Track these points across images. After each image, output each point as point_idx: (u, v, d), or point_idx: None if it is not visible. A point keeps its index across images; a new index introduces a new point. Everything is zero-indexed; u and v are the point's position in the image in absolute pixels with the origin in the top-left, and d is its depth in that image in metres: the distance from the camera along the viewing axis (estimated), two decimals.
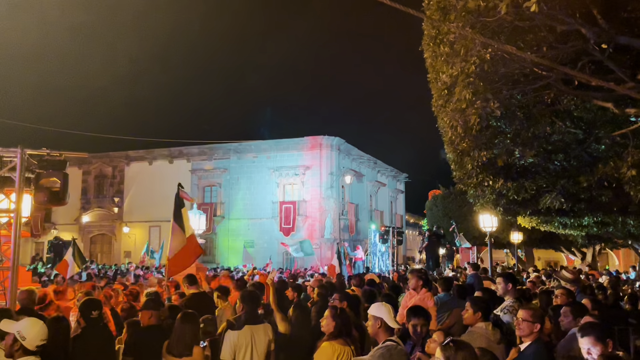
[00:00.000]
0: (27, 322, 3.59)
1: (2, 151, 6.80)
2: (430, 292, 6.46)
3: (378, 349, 3.16)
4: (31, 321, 3.62)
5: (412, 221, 53.75)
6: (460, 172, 11.22)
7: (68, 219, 37.51)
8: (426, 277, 6.46)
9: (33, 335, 3.48)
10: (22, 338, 3.42)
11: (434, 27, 8.96)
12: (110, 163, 39.12)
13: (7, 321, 3.56)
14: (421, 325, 4.48)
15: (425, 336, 4.48)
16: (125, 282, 12.22)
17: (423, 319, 4.53)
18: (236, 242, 34.30)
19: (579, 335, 3.68)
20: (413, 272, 6.56)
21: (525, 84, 8.39)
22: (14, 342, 3.43)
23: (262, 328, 5.00)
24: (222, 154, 36.16)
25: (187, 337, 4.65)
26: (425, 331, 4.51)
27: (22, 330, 3.45)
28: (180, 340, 4.63)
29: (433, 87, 10.19)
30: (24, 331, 3.45)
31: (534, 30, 7.31)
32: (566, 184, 10.95)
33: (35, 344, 3.49)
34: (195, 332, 4.79)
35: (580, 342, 3.66)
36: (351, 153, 36.60)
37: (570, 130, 10.03)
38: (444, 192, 35.89)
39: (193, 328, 4.74)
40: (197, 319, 4.90)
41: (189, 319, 4.75)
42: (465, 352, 2.96)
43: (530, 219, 14.18)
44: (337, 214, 33.71)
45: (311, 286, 9.15)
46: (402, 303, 6.47)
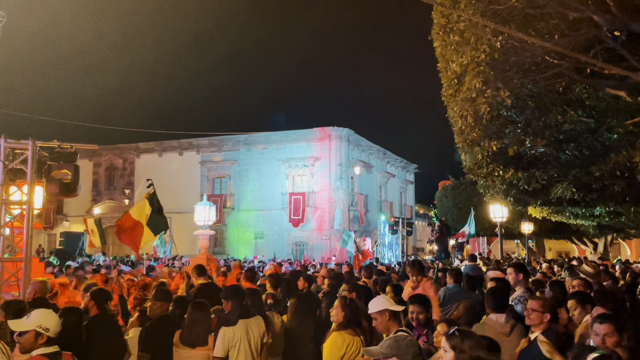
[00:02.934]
0: (42, 314, 3.55)
1: (14, 143, 6.84)
2: (430, 281, 6.61)
3: (387, 339, 3.15)
4: (44, 312, 3.60)
5: (421, 212, 53.62)
6: (470, 162, 11.16)
7: (80, 210, 37.89)
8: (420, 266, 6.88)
9: (54, 324, 3.53)
10: (45, 330, 3.44)
11: (444, 15, 8.87)
12: (121, 155, 39.37)
13: (17, 321, 3.52)
14: (417, 313, 4.47)
15: (424, 324, 4.48)
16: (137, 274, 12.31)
17: (421, 307, 4.52)
18: (246, 233, 34.47)
19: (598, 321, 3.66)
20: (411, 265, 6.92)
21: (537, 72, 8.30)
22: (37, 337, 3.43)
23: (254, 321, 4.93)
24: (232, 145, 36.23)
25: (200, 327, 4.65)
26: (424, 318, 4.49)
27: (42, 323, 3.46)
28: (193, 329, 4.62)
29: (443, 77, 10.10)
30: (44, 323, 3.46)
31: (545, 18, 7.21)
32: (578, 174, 10.85)
33: (57, 331, 3.55)
34: (208, 321, 4.78)
35: (595, 328, 3.63)
36: (360, 144, 36.50)
37: (582, 119, 9.93)
38: (454, 182, 35.72)
39: (205, 317, 4.73)
40: (209, 308, 4.89)
41: (201, 308, 4.74)
42: (471, 341, 2.94)
43: (541, 209, 14.07)
44: (347, 205, 33.70)
45: (322, 276, 9.18)
46: (405, 287, 6.67)
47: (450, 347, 2.94)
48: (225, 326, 4.71)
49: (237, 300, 4.88)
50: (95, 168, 39.58)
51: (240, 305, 4.87)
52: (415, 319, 4.47)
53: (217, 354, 4.62)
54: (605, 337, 3.54)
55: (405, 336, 3.28)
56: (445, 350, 2.98)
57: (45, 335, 3.44)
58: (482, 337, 3.33)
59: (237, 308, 4.83)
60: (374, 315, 4.10)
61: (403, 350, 3.01)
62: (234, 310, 4.82)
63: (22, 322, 3.47)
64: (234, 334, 4.70)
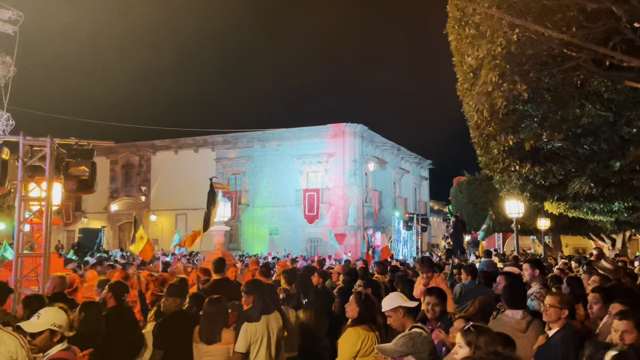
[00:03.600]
0: (53, 313, 3.50)
1: (33, 141, 6.94)
2: (441, 276, 6.58)
3: (401, 336, 3.13)
4: (54, 310, 3.55)
5: (436, 208, 53.31)
6: (486, 157, 11.04)
7: (97, 207, 38.39)
8: (430, 263, 6.85)
9: (65, 321, 3.50)
10: (59, 327, 3.43)
11: (459, 8, 8.79)
12: (137, 152, 39.76)
13: (29, 322, 3.47)
14: (433, 304, 4.44)
15: (439, 316, 4.46)
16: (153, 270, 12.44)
17: (438, 299, 4.49)
18: (261, 229, 34.61)
19: (617, 318, 3.60)
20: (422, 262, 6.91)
21: (554, 65, 8.18)
22: (53, 335, 3.41)
23: (274, 317, 4.97)
24: (246, 142, 36.37)
25: (215, 323, 4.67)
26: (439, 310, 4.46)
27: (55, 321, 3.43)
28: (209, 325, 4.64)
29: (458, 71, 10.01)
30: (57, 321, 3.44)
31: (563, 10, 7.09)
32: (596, 168, 10.68)
33: (68, 328, 3.53)
34: (224, 316, 4.79)
35: (614, 325, 3.58)
36: (374, 140, 36.38)
37: (600, 113, 9.76)
38: (468, 178, 35.42)
39: (221, 312, 4.75)
40: (225, 303, 4.91)
41: (217, 303, 4.76)
42: (487, 337, 2.92)
43: (558, 204, 13.88)
44: (361, 201, 33.65)
45: (337, 272, 9.19)
46: (415, 284, 6.63)
47: (466, 343, 2.92)
48: (247, 322, 4.72)
49: (259, 295, 4.91)
50: (112, 165, 40.03)
51: (262, 300, 4.90)
52: (431, 311, 4.45)
53: (239, 349, 4.64)
54: (624, 333, 3.48)
55: (420, 333, 3.25)
56: (460, 346, 2.96)
57: (59, 332, 3.43)
58: (498, 334, 3.30)
59: (259, 303, 4.85)
60: (388, 313, 4.08)
61: (419, 348, 2.99)
62: (256, 306, 4.84)
63: (35, 323, 3.43)
64: (256, 329, 4.72)
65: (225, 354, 4.67)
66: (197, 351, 4.67)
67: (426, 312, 4.51)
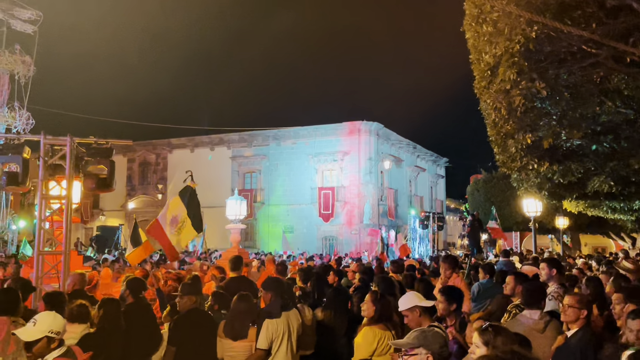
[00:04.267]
0: (49, 319, 3.43)
1: (53, 140, 7.05)
2: (460, 276, 6.56)
3: (414, 331, 3.16)
4: (51, 316, 3.47)
5: (452, 206, 52.94)
6: (504, 156, 10.94)
7: (115, 205, 38.87)
8: (454, 261, 6.82)
9: (62, 325, 3.44)
10: (56, 334, 3.36)
11: (476, 6, 8.71)
12: (154, 150, 40.15)
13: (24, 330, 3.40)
14: (440, 302, 4.43)
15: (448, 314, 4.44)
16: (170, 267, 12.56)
17: (443, 296, 4.48)
18: (276, 227, 34.72)
19: (631, 317, 3.56)
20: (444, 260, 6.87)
21: (573, 62, 8.07)
22: (50, 342, 3.34)
23: (293, 313, 5.01)
24: (262, 140, 36.51)
25: (242, 319, 4.73)
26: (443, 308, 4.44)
27: (52, 327, 3.35)
28: (235, 322, 4.70)
29: (475, 69, 9.93)
30: (54, 327, 3.36)
31: (582, 6, 7.01)
32: (616, 166, 10.52)
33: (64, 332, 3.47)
34: (251, 313, 4.84)
35: (629, 324, 3.53)
36: (390, 138, 36.25)
37: (621, 110, 9.60)
38: (485, 176, 35.12)
39: (248, 309, 4.81)
40: (252, 300, 4.95)
41: (246, 300, 4.82)
42: (504, 337, 2.91)
43: (577, 203, 13.71)
44: (376, 199, 33.56)
45: (352, 271, 9.18)
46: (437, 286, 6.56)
47: (483, 343, 2.92)
48: (268, 319, 4.76)
49: (278, 292, 4.95)
50: (129, 163, 40.48)
51: (282, 297, 4.94)
52: (439, 309, 4.45)
53: (262, 345, 4.67)
54: (639, 332, 3.44)
55: (432, 328, 3.28)
56: (477, 345, 2.95)
57: (57, 339, 3.36)
58: (514, 334, 3.28)
59: (278, 300, 4.89)
60: (405, 313, 4.09)
61: (430, 341, 3.03)
62: (276, 303, 4.88)
63: (32, 331, 3.34)
64: (277, 326, 4.76)
65: (249, 351, 4.72)
66: (222, 346, 4.72)
67: (439, 310, 4.53)
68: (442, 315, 4.50)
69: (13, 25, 28.01)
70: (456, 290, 4.70)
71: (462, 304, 4.94)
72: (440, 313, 4.51)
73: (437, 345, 3.03)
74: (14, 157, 6.79)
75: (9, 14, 27.62)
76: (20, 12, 27.94)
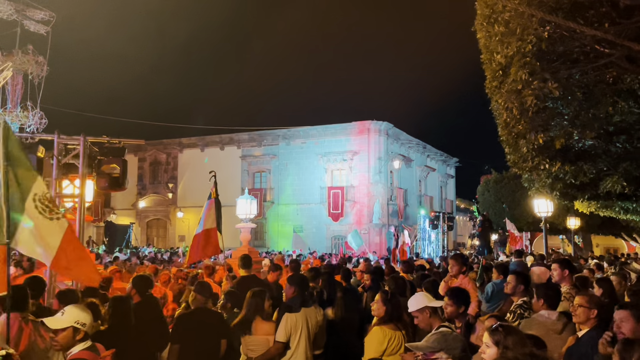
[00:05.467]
0: (77, 310, 3.48)
1: (67, 139, 7.13)
2: (467, 277, 6.54)
3: (432, 334, 3.15)
4: (79, 308, 3.53)
5: (462, 206, 52.69)
6: (515, 156, 10.87)
7: (126, 204, 39.15)
8: (464, 261, 6.75)
9: (89, 319, 3.48)
10: (82, 325, 3.40)
11: (488, 5, 8.67)
12: (164, 150, 40.38)
13: (53, 319, 3.45)
14: (447, 305, 4.42)
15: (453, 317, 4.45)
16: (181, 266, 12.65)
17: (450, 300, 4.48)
18: (285, 227, 34.79)
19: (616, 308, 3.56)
20: (453, 258, 6.79)
21: (586, 62, 8.01)
22: (76, 333, 3.38)
23: (313, 310, 5.09)
24: (271, 140, 36.60)
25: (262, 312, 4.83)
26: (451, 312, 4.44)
27: (79, 318, 3.40)
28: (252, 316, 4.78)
29: (487, 69, 9.88)
30: (81, 319, 3.41)
31: (595, 6, 6.95)
32: (629, 167, 10.41)
33: (91, 326, 3.51)
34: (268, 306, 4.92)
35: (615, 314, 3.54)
36: (400, 138, 36.17)
37: (634, 111, 9.50)
38: (496, 176, 34.92)
39: (265, 303, 4.89)
40: (265, 294, 5.01)
41: (260, 296, 4.90)
42: (515, 337, 2.90)
43: (589, 203, 13.57)
44: (386, 199, 33.50)
45: (360, 271, 9.18)
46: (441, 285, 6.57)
47: (494, 343, 2.91)
48: (288, 312, 4.84)
49: (301, 288, 5.06)
50: (140, 163, 40.75)
51: (303, 293, 5.04)
52: (449, 312, 4.45)
53: (280, 338, 4.76)
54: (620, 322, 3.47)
55: (451, 331, 3.28)
56: (488, 345, 2.95)
57: (83, 330, 3.40)
58: (527, 335, 3.27)
59: (300, 296, 4.99)
60: (415, 314, 4.09)
61: (451, 345, 3.02)
62: (297, 298, 4.98)
63: (59, 319, 3.40)
64: (297, 320, 4.84)
65: (265, 345, 4.78)
66: (244, 341, 4.81)
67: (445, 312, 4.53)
68: (450, 318, 4.50)
69: (26, 26, 28.34)
70: (464, 292, 4.70)
71: (469, 306, 4.94)
72: (447, 316, 4.49)
73: (459, 349, 3.01)
74: (29, 156, 6.88)
75: (22, 15, 27.94)
76: (34, 12, 28.26)
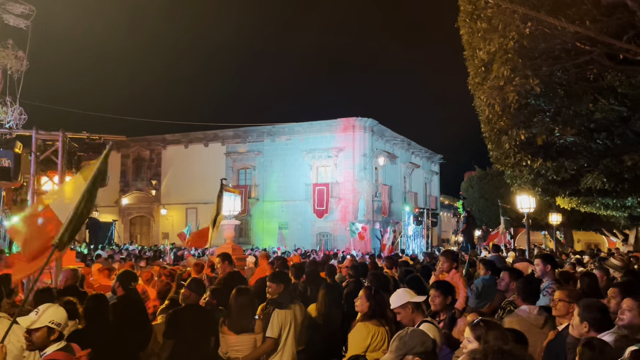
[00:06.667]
0: (52, 309, 3.42)
1: (45, 135, 7.00)
2: (459, 273, 6.58)
3: (393, 340, 3.15)
4: (54, 307, 3.47)
5: (446, 203, 53.12)
6: (498, 152, 10.97)
7: (108, 201, 38.68)
8: (456, 258, 6.77)
9: (64, 318, 3.42)
10: (57, 325, 3.34)
11: (471, 2, 8.70)
12: (148, 146, 39.99)
13: (27, 318, 3.37)
14: (433, 296, 4.50)
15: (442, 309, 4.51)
16: (164, 264, 12.54)
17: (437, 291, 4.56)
18: (270, 223, 34.71)
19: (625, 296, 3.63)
20: (443, 254, 6.83)
21: (567, 59, 8.09)
22: (50, 333, 3.33)
23: (299, 307, 5.12)
24: (256, 136, 36.45)
25: (247, 312, 4.75)
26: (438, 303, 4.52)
27: (54, 318, 3.34)
28: (239, 315, 4.71)
29: (469, 65, 9.94)
30: (55, 318, 3.35)
31: (577, 4, 7.01)
32: (609, 163, 10.56)
33: (66, 325, 3.45)
34: (253, 307, 4.87)
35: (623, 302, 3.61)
36: (384, 134, 36.27)
37: (614, 108, 9.64)
38: (479, 173, 35.25)
39: (250, 302, 4.83)
40: (252, 294, 4.98)
41: (246, 294, 4.85)
42: (496, 332, 2.91)
43: (570, 199, 13.77)
44: (371, 195, 33.59)
45: (345, 266, 9.19)
46: (432, 279, 6.59)
47: (475, 338, 2.92)
48: (278, 309, 4.83)
49: (287, 285, 5.06)
50: (123, 159, 40.30)
51: (289, 290, 5.05)
52: (437, 304, 4.52)
53: (272, 334, 4.74)
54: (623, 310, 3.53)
55: (406, 330, 3.26)
56: (469, 340, 2.95)
57: (57, 330, 3.34)
58: (508, 330, 3.29)
59: (287, 292, 4.99)
60: (397, 310, 4.09)
61: (410, 345, 3.04)
62: (285, 294, 4.97)
63: (33, 319, 3.34)
64: (286, 316, 4.84)
65: (253, 344, 4.74)
66: (225, 341, 4.73)
67: (431, 303, 4.58)
68: (437, 310, 4.52)
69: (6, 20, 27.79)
70: (448, 284, 4.75)
71: (455, 298, 4.98)
72: (435, 308, 4.52)
73: (418, 345, 3.03)
74: (6, 152, 6.76)
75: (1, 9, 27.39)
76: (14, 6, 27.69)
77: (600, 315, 3.46)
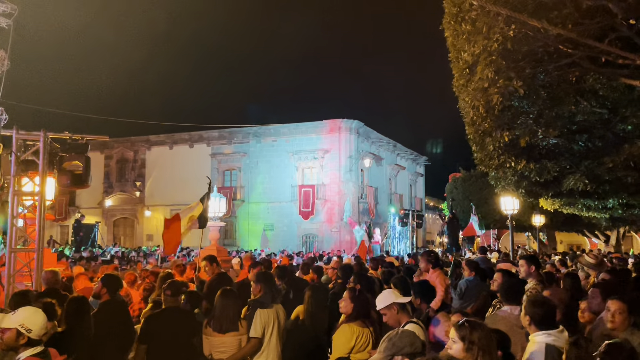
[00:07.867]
0: (26, 313, 3.34)
1: (25, 135, 6.88)
2: (441, 272, 6.67)
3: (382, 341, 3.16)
4: (30, 311, 3.39)
5: (431, 204, 53.41)
6: (482, 154, 11.05)
7: (92, 202, 38.21)
8: (436, 258, 6.94)
9: (39, 325, 3.31)
10: (27, 331, 3.24)
11: (455, 4, 8.77)
12: (132, 147, 39.57)
13: (2, 316, 3.31)
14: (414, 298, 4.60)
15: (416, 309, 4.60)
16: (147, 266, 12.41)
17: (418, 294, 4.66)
18: (256, 225, 34.55)
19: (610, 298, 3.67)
20: (423, 255, 7.04)
21: (549, 62, 8.19)
22: (19, 336, 3.23)
23: (280, 307, 5.11)
24: (242, 138, 36.29)
25: (231, 312, 4.72)
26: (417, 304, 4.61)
27: (25, 323, 3.25)
28: (223, 315, 4.68)
29: (454, 67, 10.01)
30: (26, 323, 3.25)
31: (559, 7, 7.10)
32: (590, 165, 10.71)
33: (41, 333, 3.33)
34: (238, 306, 4.85)
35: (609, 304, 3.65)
36: (370, 136, 36.37)
37: (596, 110, 9.79)
38: (464, 174, 35.50)
39: (234, 303, 4.80)
40: (236, 294, 4.94)
41: (230, 295, 4.81)
42: (480, 332, 2.92)
43: (553, 201, 13.92)
44: (356, 197, 33.64)
45: (332, 268, 9.17)
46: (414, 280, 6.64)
47: (460, 338, 2.93)
48: (260, 308, 4.82)
49: (269, 285, 5.06)
50: (106, 160, 39.83)
51: (272, 290, 5.06)
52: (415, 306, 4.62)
53: (256, 334, 4.73)
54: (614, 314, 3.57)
55: (396, 331, 3.27)
56: (454, 341, 2.96)
57: (27, 336, 3.24)
58: (492, 330, 3.30)
59: (269, 292, 5.00)
60: (383, 311, 4.09)
61: (399, 346, 3.05)
62: (267, 294, 4.98)
63: (7, 318, 3.28)
64: (269, 316, 4.83)
65: (238, 344, 4.70)
66: (209, 342, 4.68)
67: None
68: None
69: None
70: (425, 285, 4.82)
71: (430, 299, 5.00)
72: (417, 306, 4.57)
73: (407, 345, 3.04)
74: None
75: None
76: None
77: (541, 312, 3.49)
